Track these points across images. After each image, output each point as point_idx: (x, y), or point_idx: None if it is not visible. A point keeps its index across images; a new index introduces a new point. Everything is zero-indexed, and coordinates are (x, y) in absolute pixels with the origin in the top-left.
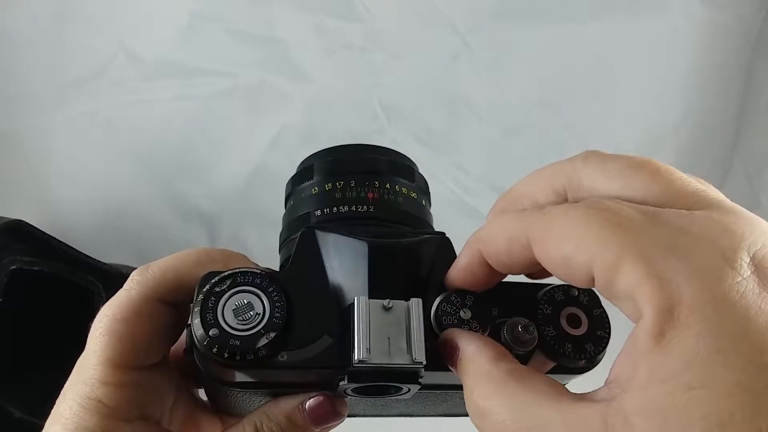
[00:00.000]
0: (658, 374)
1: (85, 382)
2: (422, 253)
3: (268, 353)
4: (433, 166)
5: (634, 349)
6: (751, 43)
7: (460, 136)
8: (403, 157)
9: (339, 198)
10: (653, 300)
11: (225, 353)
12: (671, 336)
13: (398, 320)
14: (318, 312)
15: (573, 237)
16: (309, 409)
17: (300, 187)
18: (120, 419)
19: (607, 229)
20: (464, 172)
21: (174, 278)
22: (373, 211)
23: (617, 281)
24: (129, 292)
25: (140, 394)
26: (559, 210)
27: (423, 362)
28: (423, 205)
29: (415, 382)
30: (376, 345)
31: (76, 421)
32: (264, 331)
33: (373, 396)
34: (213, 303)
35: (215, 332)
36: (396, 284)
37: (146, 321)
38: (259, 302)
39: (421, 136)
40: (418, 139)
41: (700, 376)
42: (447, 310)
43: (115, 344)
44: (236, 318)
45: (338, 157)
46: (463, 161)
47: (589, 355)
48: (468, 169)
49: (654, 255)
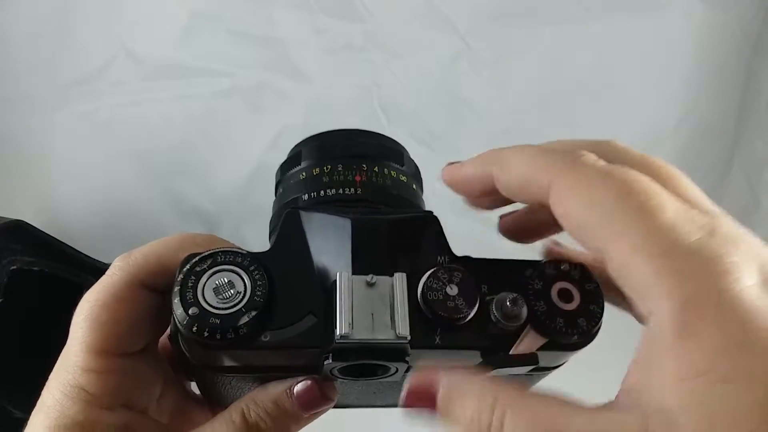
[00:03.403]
0: (690, 368)
1: (67, 369)
2: (407, 230)
3: (249, 332)
4: (433, 166)
5: (652, 347)
6: (751, 43)
7: (460, 136)
8: (393, 142)
9: (326, 182)
10: (674, 294)
11: (205, 332)
12: (698, 329)
13: (382, 296)
14: (301, 291)
15: (595, 208)
16: (297, 393)
17: (289, 174)
18: (103, 407)
19: (639, 216)
20: None
21: (156, 263)
22: (360, 194)
23: (633, 268)
24: (111, 278)
25: (124, 381)
26: (594, 171)
27: (407, 337)
28: (413, 189)
29: (401, 360)
30: (359, 320)
31: (58, 410)
32: (245, 309)
33: (360, 378)
34: (193, 282)
35: (195, 311)
36: (380, 260)
37: (128, 306)
38: (240, 281)
39: (421, 136)
40: (418, 139)
41: (734, 368)
42: (433, 285)
43: (97, 330)
44: (217, 297)
45: (326, 142)
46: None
47: (582, 329)
48: None
49: (675, 250)
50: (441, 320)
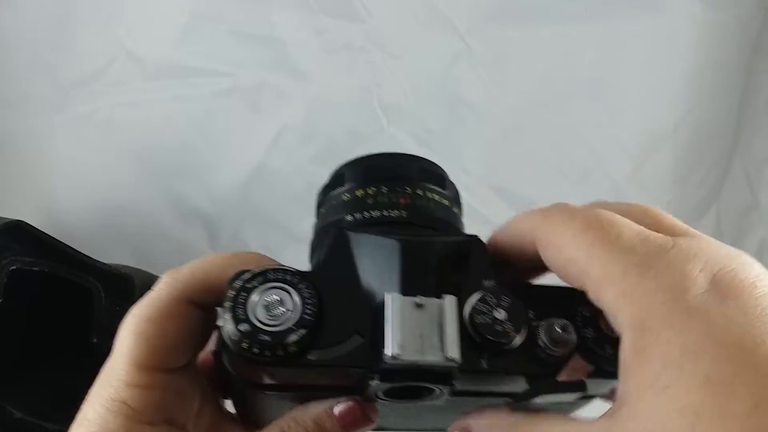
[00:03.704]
0: (642, 384)
1: (110, 383)
2: (455, 253)
3: (298, 350)
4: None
5: (623, 367)
6: (750, 43)
7: (460, 136)
8: (435, 165)
9: (371, 203)
10: (627, 317)
11: (255, 348)
12: (646, 347)
13: (431, 318)
14: (349, 312)
15: (570, 249)
16: (339, 414)
17: (331, 195)
18: (145, 422)
19: (597, 246)
20: (464, 172)
21: (203, 280)
22: (405, 216)
23: (602, 297)
24: (158, 293)
25: (166, 397)
26: (562, 219)
27: (457, 359)
28: (454, 212)
29: (447, 383)
30: (408, 342)
31: (99, 423)
32: (295, 327)
33: (404, 400)
34: (244, 299)
35: (246, 327)
36: (428, 283)
37: (174, 322)
38: (289, 299)
39: (420, 136)
40: (418, 139)
41: (673, 376)
42: (481, 309)
43: (143, 345)
44: (267, 314)
45: (370, 164)
46: (463, 161)
47: None
48: (468, 169)
49: (630, 276)
50: (488, 344)
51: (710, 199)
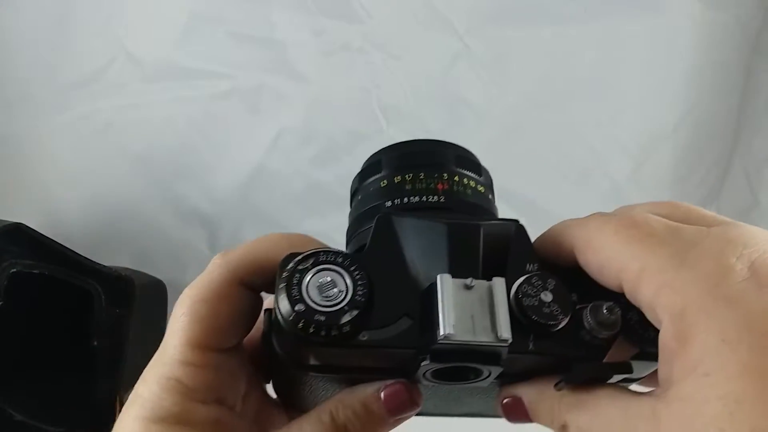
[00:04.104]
0: (684, 370)
1: (164, 362)
2: (500, 236)
3: (351, 331)
4: None
5: (664, 353)
6: (750, 43)
7: (459, 136)
8: (469, 152)
9: (409, 189)
10: (668, 308)
11: (310, 328)
12: (687, 335)
13: (481, 299)
14: (397, 293)
15: (606, 250)
16: (385, 396)
17: (368, 182)
18: (197, 400)
19: (632, 244)
20: None
21: (253, 261)
22: (443, 202)
23: (640, 292)
24: (211, 274)
25: (218, 377)
26: (596, 224)
27: (509, 339)
28: (489, 198)
29: (497, 363)
30: (460, 322)
31: (154, 401)
32: (347, 308)
33: (451, 381)
34: (298, 280)
35: (301, 308)
36: (476, 265)
37: (227, 303)
38: (341, 280)
39: (420, 136)
40: None
41: (713, 364)
42: (528, 291)
43: (197, 325)
44: (320, 294)
45: (406, 150)
46: None
47: None
48: None
49: (668, 267)
50: (535, 326)
51: (710, 199)
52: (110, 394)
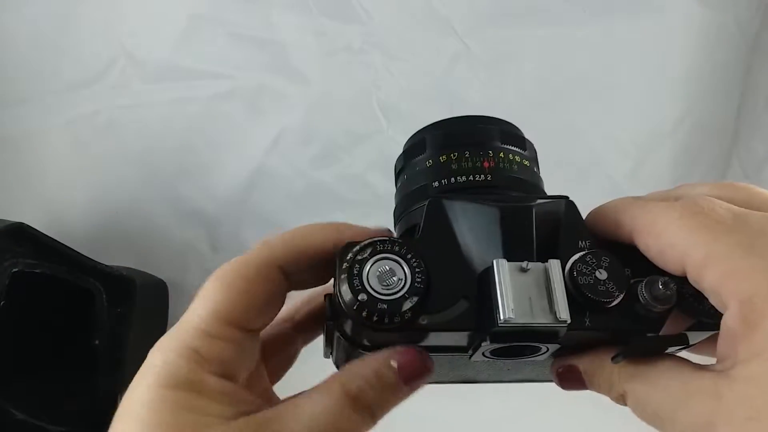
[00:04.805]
0: (750, 353)
1: (185, 330)
2: (552, 216)
3: (412, 317)
4: None
5: (729, 335)
6: (749, 43)
7: None
8: (513, 127)
9: (456, 169)
10: (736, 294)
11: (374, 317)
12: (755, 320)
13: (537, 281)
14: (453, 277)
15: (669, 235)
16: (400, 364)
17: (413, 161)
18: (211, 372)
19: (698, 231)
20: None
21: (294, 248)
22: (490, 180)
23: (705, 277)
24: (252, 255)
25: (236, 355)
26: (660, 209)
27: (567, 320)
28: (535, 172)
29: (555, 341)
30: (519, 306)
31: (168, 369)
32: (408, 295)
33: (509, 358)
34: (358, 270)
35: (363, 297)
36: (530, 247)
37: (264, 285)
38: (400, 268)
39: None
40: None
41: None
42: (583, 270)
43: (231, 299)
44: (381, 284)
45: (450, 129)
46: None
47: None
48: None
49: (736, 255)
50: (591, 303)
51: None
52: (111, 392)
